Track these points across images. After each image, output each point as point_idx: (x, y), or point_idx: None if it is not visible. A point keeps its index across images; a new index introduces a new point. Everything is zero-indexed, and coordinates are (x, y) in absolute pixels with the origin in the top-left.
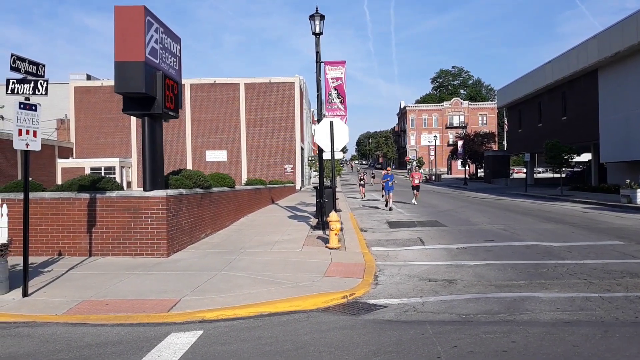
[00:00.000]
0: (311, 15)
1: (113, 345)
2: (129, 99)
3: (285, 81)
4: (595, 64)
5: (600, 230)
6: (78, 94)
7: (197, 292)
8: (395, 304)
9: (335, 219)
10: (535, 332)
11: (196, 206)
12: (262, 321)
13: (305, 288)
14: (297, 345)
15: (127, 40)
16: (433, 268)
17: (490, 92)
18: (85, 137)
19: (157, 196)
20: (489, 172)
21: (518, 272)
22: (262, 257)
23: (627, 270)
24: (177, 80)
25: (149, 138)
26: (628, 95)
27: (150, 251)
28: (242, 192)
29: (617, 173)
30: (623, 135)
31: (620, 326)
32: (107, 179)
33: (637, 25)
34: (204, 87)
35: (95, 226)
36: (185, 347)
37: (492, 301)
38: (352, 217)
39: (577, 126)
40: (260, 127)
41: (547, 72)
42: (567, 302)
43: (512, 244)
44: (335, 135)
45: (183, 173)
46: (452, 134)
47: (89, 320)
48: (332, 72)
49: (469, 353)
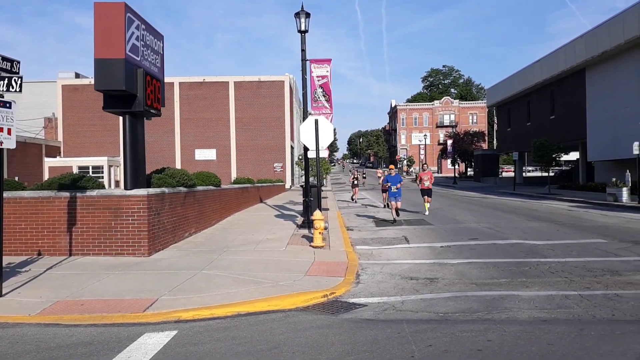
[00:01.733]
0: (296, 13)
1: (84, 346)
2: (109, 96)
3: (275, 80)
4: (582, 63)
5: (584, 228)
6: (66, 92)
7: (175, 292)
8: (375, 302)
9: (319, 217)
10: (512, 330)
11: (179, 205)
12: (239, 321)
13: (286, 287)
14: (271, 345)
15: (107, 37)
16: (416, 266)
17: (480, 91)
18: (73, 136)
19: (138, 195)
20: (478, 171)
21: (500, 270)
22: (244, 256)
23: (608, 268)
24: (160, 78)
25: (130, 136)
26: (615, 95)
27: (131, 250)
28: (229, 191)
29: (604, 172)
30: (610, 134)
31: (596, 324)
32: (87, 178)
33: (623, 25)
34: (193, 86)
35: (76, 225)
36: (158, 347)
37: (472, 300)
38: (339, 216)
39: (565, 125)
40: (250, 125)
41: (536, 71)
42: (546, 300)
43: (496, 243)
44: (320, 134)
45: (166, 172)
46: (443, 132)
47: (62, 320)
48: (317, 70)
49: (443, 352)
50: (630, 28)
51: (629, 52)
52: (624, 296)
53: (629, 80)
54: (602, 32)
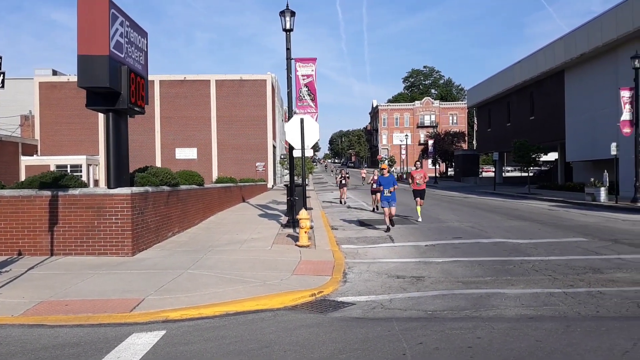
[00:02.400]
0: (282, 12)
1: (71, 347)
2: (93, 93)
3: (257, 78)
4: (561, 65)
5: (565, 227)
6: (43, 90)
7: (161, 292)
8: (363, 301)
9: (305, 217)
10: (500, 327)
11: (163, 204)
12: (228, 320)
13: (273, 286)
14: (262, 344)
15: (91, 33)
16: (402, 265)
17: (460, 92)
18: (51, 134)
19: (121, 194)
20: (459, 171)
21: (485, 268)
22: (230, 255)
23: (589, 266)
24: (144, 75)
25: (113, 134)
26: (593, 96)
27: (114, 250)
28: (212, 190)
29: (582, 172)
30: (588, 135)
31: (582, 321)
32: (69, 176)
33: (601, 28)
34: (174, 84)
35: (58, 225)
36: (147, 347)
37: (459, 297)
38: (323, 215)
39: (544, 126)
40: (232, 124)
41: (516, 72)
42: (532, 298)
43: (480, 241)
44: (305, 133)
45: (149, 170)
46: (423, 133)
47: (47, 321)
48: (302, 69)
49: (434, 349)
50: (607, 31)
51: (606, 55)
52: (607, 293)
53: (606, 82)
54: (581, 34)
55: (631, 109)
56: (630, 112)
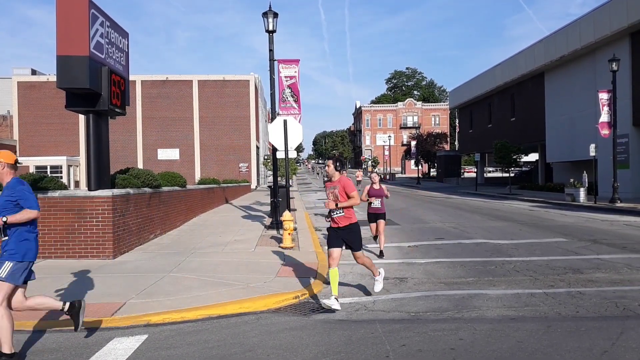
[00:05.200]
0: (264, 13)
1: (50, 352)
2: (72, 94)
3: (240, 79)
4: (541, 67)
5: (546, 227)
6: (22, 90)
7: (143, 295)
8: (346, 303)
9: (289, 218)
10: (483, 328)
11: (144, 206)
12: (211, 324)
13: (257, 289)
14: (245, 348)
15: (70, 33)
16: (385, 266)
17: (442, 93)
18: (30, 135)
19: (102, 196)
20: (441, 172)
21: (467, 269)
22: (213, 258)
23: (569, 266)
24: (124, 76)
25: (94, 136)
26: (572, 98)
27: (95, 253)
28: (195, 191)
29: (562, 172)
30: (568, 137)
31: (562, 321)
32: (49, 178)
33: (579, 31)
34: (155, 84)
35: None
36: (129, 352)
37: (442, 299)
38: (307, 217)
39: (525, 127)
40: (215, 125)
41: (497, 74)
42: (514, 299)
43: (462, 242)
44: (289, 134)
45: (131, 172)
46: (406, 134)
47: (26, 326)
48: (285, 71)
49: (417, 351)
50: (586, 34)
51: (585, 57)
52: (586, 293)
53: (585, 84)
54: (560, 37)
55: (609, 110)
56: (608, 114)
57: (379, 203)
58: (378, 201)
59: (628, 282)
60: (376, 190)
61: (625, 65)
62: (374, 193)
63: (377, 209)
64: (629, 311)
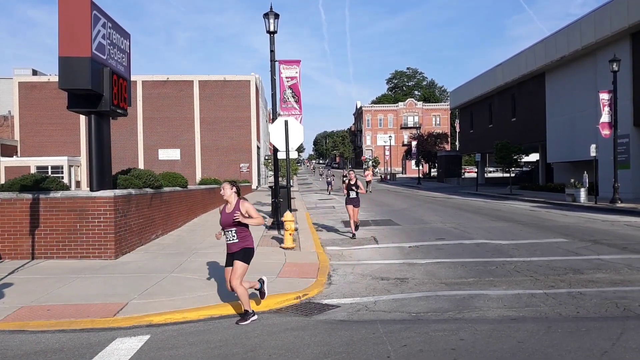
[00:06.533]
0: (265, 14)
1: (53, 352)
2: (74, 95)
3: (241, 79)
4: (542, 67)
5: (546, 228)
6: (23, 90)
7: (145, 296)
8: (347, 303)
9: (290, 219)
10: (483, 329)
11: (146, 206)
12: (213, 324)
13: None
14: (247, 348)
15: (72, 34)
16: (386, 267)
17: (443, 93)
18: (32, 135)
19: (104, 196)
20: (441, 172)
21: (468, 269)
22: (214, 258)
23: (570, 266)
24: (126, 77)
25: (95, 136)
26: (573, 98)
27: (97, 253)
28: (195, 191)
29: (562, 173)
30: (568, 137)
31: (562, 321)
32: (51, 179)
33: (580, 32)
34: (156, 84)
35: (39, 228)
36: (131, 352)
37: (442, 299)
38: (308, 217)
39: (525, 127)
40: (215, 125)
41: (498, 74)
42: (514, 299)
43: (463, 242)
44: (290, 135)
45: (132, 172)
46: (407, 134)
47: (29, 327)
48: (287, 71)
49: (418, 351)
50: (586, 35)
51: (585, 58)
52: (587, 294)
53: (586, 84)
54: (561, 38)
55: (610, 111)
56: (609, 115)
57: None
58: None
59: (628, 282)
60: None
61: (625, 66)
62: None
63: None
64: (629, 312)
